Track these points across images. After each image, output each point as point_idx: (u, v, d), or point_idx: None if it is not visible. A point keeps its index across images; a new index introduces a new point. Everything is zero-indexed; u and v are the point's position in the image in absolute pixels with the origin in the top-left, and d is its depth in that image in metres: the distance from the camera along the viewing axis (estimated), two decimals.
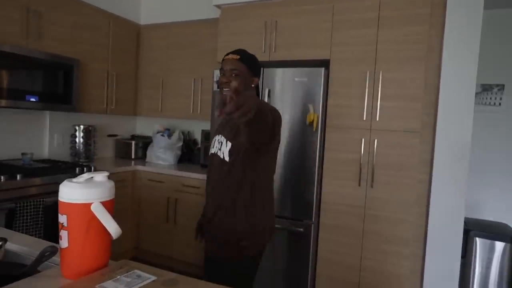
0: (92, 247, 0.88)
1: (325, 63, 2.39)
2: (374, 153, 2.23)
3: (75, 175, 2.44)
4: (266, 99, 2.42)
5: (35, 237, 2.05)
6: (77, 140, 3.03)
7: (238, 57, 1.38)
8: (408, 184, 2.17)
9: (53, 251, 0.87)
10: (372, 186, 2.25)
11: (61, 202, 0.86)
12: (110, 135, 3.35)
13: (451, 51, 2.07)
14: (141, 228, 3.10)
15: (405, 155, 2.17)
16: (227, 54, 1.41)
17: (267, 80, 2.44)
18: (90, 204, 0.86)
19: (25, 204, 2.07)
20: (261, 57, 2.58)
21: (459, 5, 2.04)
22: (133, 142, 3.36)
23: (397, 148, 2.19)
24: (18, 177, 2.10)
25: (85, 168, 2.55)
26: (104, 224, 0.87)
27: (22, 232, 2.05)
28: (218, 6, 2.76)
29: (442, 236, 2.11)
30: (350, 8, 2.29)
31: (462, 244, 2.10)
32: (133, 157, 3.36)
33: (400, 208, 2.19)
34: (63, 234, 0.86)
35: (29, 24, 2.39)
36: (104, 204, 0.88)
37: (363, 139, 2.26)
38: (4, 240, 0.83)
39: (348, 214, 2.32)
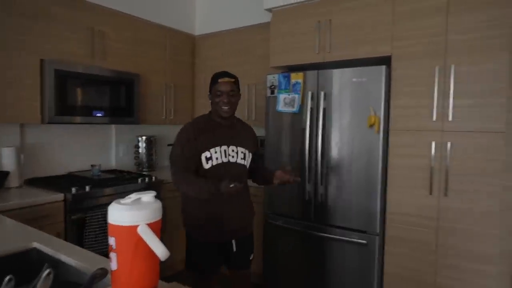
0: (140, 269, 0.86)
1: (386, 61, 2.19)
2: (448, 158, 1.98)
3: (138, 185, 2.56)
4: (321, 103, 2.29)
5: (104, 243, 2.18)
6: (140, 150, 3.18)
7: (234, 80, 1.72)
8: (491, 192, 1.88)
9: (103, 273, 0.87)
10: (446, 195, 1.99)
11: (110, 224, 0.86)
12: (170, 145, 3.47)
13: None
14: None
15: (486, 159, 1.89)
16: (222, 77, 1.70)
17: (322, 83, 2.30)
18: (136, 227, 0.84)
19: (93, 214, 2.20)
20: (314, 58, 2.46)
21: None
22: None
23: (476, 151, 1.91)
24: (87, 188, 2.24)
25: (146, 178, 2.66)
26: (151, 246, 0.84)
27: (92, 241, 2.18)
28: (269, 10, 2.70)
29: None
30: None
31: None
32: None
33: (481, 219, 1.91)
34: (112, 256, 0.85)
35: (94, 44, 2.56)
36: (151, 225, 0.86)
37: (433, 143, 2.02)
38: (51, 270, 0.84)
39: (418, 225, 2.09)
